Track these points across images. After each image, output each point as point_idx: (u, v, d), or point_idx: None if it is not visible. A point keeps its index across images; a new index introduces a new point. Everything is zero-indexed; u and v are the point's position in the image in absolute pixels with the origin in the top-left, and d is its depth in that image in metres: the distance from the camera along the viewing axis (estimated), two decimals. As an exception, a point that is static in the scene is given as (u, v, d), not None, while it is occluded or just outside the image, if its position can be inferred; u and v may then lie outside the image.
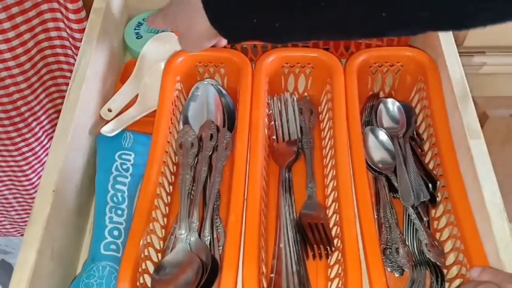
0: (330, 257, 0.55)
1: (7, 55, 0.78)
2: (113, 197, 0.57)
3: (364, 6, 0.32)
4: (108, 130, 0.61)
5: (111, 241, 0.54)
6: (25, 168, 0.99)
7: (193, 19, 0.46)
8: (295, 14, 0.36)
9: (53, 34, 0.82)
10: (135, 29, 0.75)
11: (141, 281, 0.52)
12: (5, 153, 0.94)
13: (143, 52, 0.70)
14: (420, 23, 0.32)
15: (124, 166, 0.59)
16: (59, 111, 0.72)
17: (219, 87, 0.68)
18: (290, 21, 0.37)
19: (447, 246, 0.56)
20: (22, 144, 0.94)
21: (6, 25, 0.74)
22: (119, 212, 0.56)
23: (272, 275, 0.54)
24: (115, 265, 0.53)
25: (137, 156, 0.60)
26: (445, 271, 0.55)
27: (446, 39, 0.65)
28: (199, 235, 0.55)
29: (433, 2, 0.30)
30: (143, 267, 0.52)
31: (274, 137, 0.66)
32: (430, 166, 0.62)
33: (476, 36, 0.82)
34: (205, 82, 0.68)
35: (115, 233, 0.55)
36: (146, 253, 0.53)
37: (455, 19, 0.32)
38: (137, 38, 0.74)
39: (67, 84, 0.75)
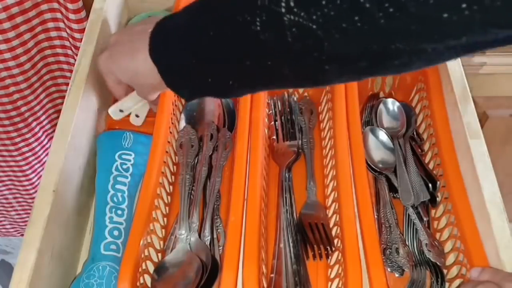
0: (330, 257, 0.55)
1: (7, 55, 0.78)
2: (113, 197, 0.57)
3: (309, 64, 0.34)
4: (114, 111, 0.61)
5: (111, 241, 0.54)
6: (25, 168, 0.99)
7: (142, 72, 0.45)
8: (246, 73, 0.38)
9: (53, 34, 0.82)
10: (135, 29, 0.75)
11: (141, 281, 0.52)
12: (5, 153, 0.94)
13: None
14: (362, 72, 0.35)
15: (124, 166, 0.59)
16: (59, 111, 0.72)
17: (219, 87, 0.68)
18: (242, 79, 0.39)
19: (447, 246, 0.56)
20: (22, 144, 0.94)
21: (6, 25, 0.74)
22: (119, 212, 0.56)
23: (272, 275, 0.54)
24: (115, 265, 0.53)
25: (137, 156, 0.60)
26: (445, 271, 0.55)
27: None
28: (199, 235, 0.55)
29: (370, 53, 0.32)
30: (143, 267, 0.52)
31: (274, 137, 0.66)
32: (430, 166, 0.62)
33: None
34: (205, 82, 0.68)
35: (115, 233, 0.55)
36: (146, 253, 0.53)
37: (393, 67, 0.34)
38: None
39: (67, 84, 0.75)
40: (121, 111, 0.62)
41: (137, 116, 0.63)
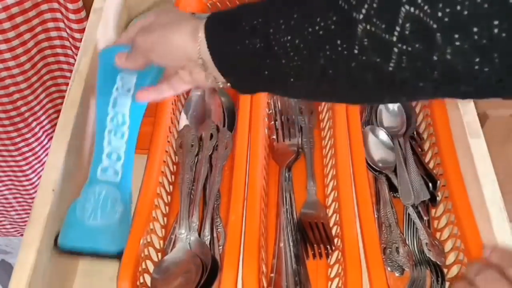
0: (330, 257, 0.55)
1: (7, 55, 0.78)
2: (113, 119, 0.55)
3: (410, 74, 0.30)
4: None
5: (108, 165, 0.54)
6: (25, 168, 0.99)
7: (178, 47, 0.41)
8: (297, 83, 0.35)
9: (53, 34, 0.82)
10: (135, 29, 0.75)
11: (141, 280, 0.52)
12: (5, 153, 0.95)
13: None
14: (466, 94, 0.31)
15: (126, 87, 0.56)
16: (59, 111, 0.72)
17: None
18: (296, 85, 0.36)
19: (447, 246, 0.56)
20: (22, 144, 0.94)
21: (6, 25, 0.74)
22: (119, 134, 0.55)
23: (272, 274, 0.54)
24: (111, 189, 0.53)
25: (140, 78, 0.56)
26: (445, 270, 0.55)
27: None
28: (199, 234, 0.55)
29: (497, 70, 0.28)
30: (143, 266, 0.52)
31: (274, 137, 0.66)
32: (430, 165, 0.62)
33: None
34: (205, 81, 0.68)
35: (113, 156, 0.54)
36: (146, 253, 0.53)
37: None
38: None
39: (67, 84, 0.75)
40: None
41: None
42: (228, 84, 0.41)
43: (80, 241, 0.51)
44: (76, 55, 0.77)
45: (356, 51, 0.30)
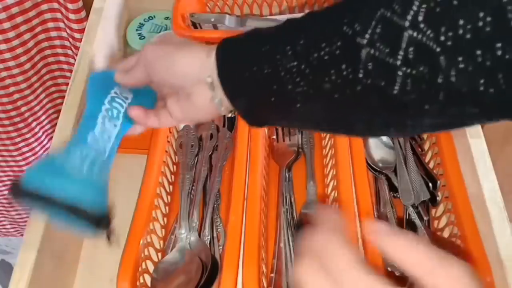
0: (330, 257, 0.55)
1: (7, 55, 0.78)
2: (109, 111, 0.47)
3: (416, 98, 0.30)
4: None
5: (99, 137, 0.45)
6: (25, 168, 0.99)
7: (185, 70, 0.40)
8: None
9: (53, 34, 0.82)
10: (137, 29, 0.76)
11: (141, 280, 0.52)
12: (5, 153, 0.95)
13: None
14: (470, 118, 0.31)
15: (123, 95, 0.49)
16: (59, 111, 0.72)
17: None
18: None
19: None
20: (22, 144, 0.94)
21: (6, 25, 0.74)
22: (113, 124, 0.46)
23: (272, 274, 0.54)
24: (101, 160, 0.44)
25: (135, 98, 0.49)
26: (445, 270, 0.55)
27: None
28: (199, 234, 0.55)
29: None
30: (143, 266, 0.52)
31: (274, 136, 0.66)
32: (430, 165, 0.62)
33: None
34: (205, 81, 0.68)
35: (105, 135, 0.45)
36: (146, 253, 0.53)
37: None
38: (140, 39, 0.74)
39: (67, 84, 0.75)
40: None
41: None
42: (235, 111, 0.40)
43: (57, 181, 0.39)
44: (76, 55, 0.77)
45: (361, 75, 0.30)
